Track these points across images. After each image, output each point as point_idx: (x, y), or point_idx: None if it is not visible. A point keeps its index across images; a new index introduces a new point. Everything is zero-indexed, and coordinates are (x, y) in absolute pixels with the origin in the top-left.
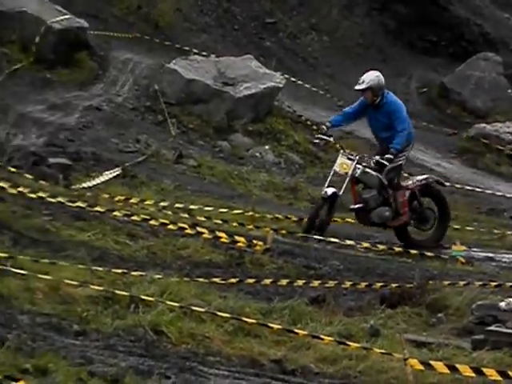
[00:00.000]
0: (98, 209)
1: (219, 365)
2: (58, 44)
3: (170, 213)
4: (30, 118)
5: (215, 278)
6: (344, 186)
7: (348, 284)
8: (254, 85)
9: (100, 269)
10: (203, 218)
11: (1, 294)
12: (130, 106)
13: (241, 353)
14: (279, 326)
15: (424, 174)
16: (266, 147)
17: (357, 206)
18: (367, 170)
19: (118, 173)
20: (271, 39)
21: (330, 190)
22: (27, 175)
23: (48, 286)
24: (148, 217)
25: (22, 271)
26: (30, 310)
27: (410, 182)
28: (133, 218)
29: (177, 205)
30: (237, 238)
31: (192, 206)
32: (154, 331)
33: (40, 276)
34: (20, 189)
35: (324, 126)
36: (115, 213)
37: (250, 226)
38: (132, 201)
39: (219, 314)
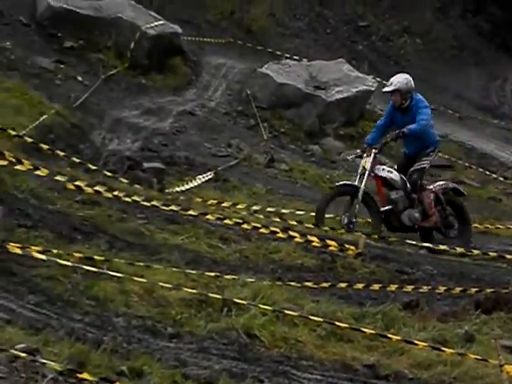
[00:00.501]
0: (191, 212)
1: (312, 369)
2: (152, 50)
3: (261, 216)
4: (125, 123)
5: (307, 282)
6: (364, 179)
7: (442, 289)
8: (346, 88)
9: (193, 272)
10: (295, 222)
11: (97, 296)
12: (223, 111)
13: (333, 357)
14: (372, 331)
15: (443, 180)
16: (358, 151)
17: (386, 207)
18: (390, 169)
19: (210, 177)
20: (363, 42)
21: (343, 182)
22: (122, 179)
23: (143, 288)
24: (240, 220)
25: (117, 274)
26: (126, 313)
27: (432, 187)
28: (225, 221)
29: (268, 208)
30: (328, 242)
31: (284, 210)
32: (246, 334)
33: (135, 279)
34: (115, 193)
35: (358, 151)
36: (208, 216)
37: (342, 230)
38: (224, 204)
39: (312, 318)
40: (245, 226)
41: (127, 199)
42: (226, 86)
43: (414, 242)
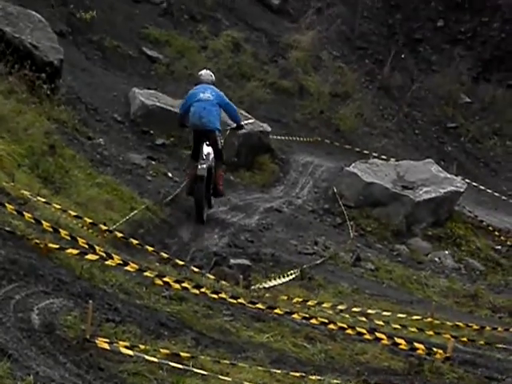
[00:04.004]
0: (276, 311)
1: None
2: (241, 147)
3: (347, 316)
4: (212, 219)
5: None
6: None
7: None
8: (434, 189)
9: (278, 371)
10: (381, 323)
11: None
12: (309, 209)
13: None
14: None
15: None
16: (446, 252)
17: None
18: None
19: (296, 274)
20: (452, 143)
21: None
22: (209, 275)
23: None
24: (326, 320)
25: (203, 372)
26: None
27: None
28: (311, 320)
29: (354, 309)
30: (416, 344)
31: (370, 311)
32: None
33: (220, 377)
34: (202, 289)
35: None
36: (294, 315)
37: (430, 333)
38: (310, 303)
39: None
40: (331, 325)
41: (214, 296)
42: (313, 184)
43: (504, 347)
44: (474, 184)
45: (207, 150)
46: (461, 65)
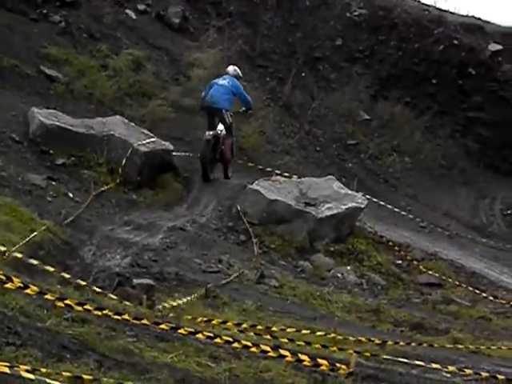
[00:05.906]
0: (181, 331)
1: None
2: (143, 166)
3: (251, 334)
4: (115, 239)
5: None
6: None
7: None
8: (336, 205)
9: None
10: (285, 340)
11: None
12: (213, 227)
13: None
14: None
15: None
16: (348, 268)
17: None
18: None
19: (201, 293)
20: (353, 160)
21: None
22: (112, 296)
23: None
24: (230, 339)
25: None
26: None
27: None
28: (215, 339)
29: (259, 326)
30: (319, 360)
31: (274, 328)
32: None
33: None
34: (105, 311)
35: None
36: (198, 335)
37: (333, 349)
38: (214, 322)
39: None
40: (235, 344)
41: (117, 317)
42: (216, 202)
43: (406, 361)
44: (375, 200)
45: (219, 123)
46: (359, 83)
